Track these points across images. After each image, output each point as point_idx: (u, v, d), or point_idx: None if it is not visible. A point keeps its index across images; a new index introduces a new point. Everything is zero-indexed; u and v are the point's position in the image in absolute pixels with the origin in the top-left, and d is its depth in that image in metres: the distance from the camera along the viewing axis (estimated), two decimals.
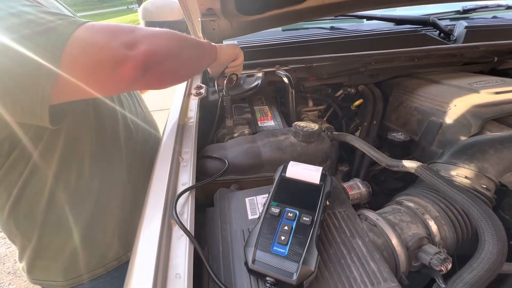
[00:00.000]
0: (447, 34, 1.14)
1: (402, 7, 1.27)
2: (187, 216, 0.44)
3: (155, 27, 0.54)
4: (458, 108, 0.77)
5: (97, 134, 0.61)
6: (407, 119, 0.93)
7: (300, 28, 1.30)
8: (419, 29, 1.15)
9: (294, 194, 0.44)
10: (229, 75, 0.78)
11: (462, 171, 0.57)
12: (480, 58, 1.12)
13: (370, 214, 0.51)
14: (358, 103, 1.10)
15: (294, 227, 0.39)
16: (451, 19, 1.30)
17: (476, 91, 0.80)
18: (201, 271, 0.40)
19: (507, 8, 1.40)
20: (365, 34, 1.11)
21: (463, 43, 1.09)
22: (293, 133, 0.64)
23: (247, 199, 0.50)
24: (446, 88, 0.89)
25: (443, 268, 0.42)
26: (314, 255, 0.36)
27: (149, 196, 0.47)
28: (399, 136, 0.87)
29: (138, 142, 0.73)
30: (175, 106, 0.75)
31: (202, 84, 0.88)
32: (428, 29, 1.16)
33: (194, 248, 0.39)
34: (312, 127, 0.63)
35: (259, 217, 0.42)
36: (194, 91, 0.84)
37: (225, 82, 0.75)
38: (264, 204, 0.44)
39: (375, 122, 1.03)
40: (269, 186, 0.49)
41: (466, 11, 1.34)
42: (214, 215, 0.49)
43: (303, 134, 0.62)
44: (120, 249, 0.69)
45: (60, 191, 0.58)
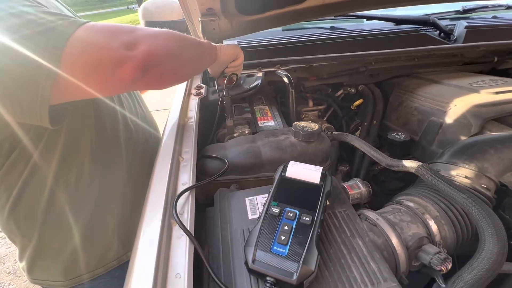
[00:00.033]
0: (447, 34, 1.14)
1: (402, 7, 1.27)
2: (187, 216, 0.44)
3: (155, 27, 0.54)
4: (458, 108, 0.77)
5: (97, 134, 0.61)
6: (407, 119, 0.93)
7: (300, 28, 1.30)
8: (419, 29, 1.14)
9: (294, 194, 0.44)
10: (229, 75, 0.78)
11: (462, 171, 0.57)
12: (480, 58, 1.12)
13: (370, 214, 0.51)
14: (358, 103, 1.10)
15: (294, 227, 0.39)
16: (451, 19, 1.29)
17: (476, 91, 0.80)
18: (201, 270, 0.40)
19: (507, 8, 1.40)
20: (365, 34, 1.11)
21: (463, 43, 1.09)
22: (293, 133, 0.64)
23: (247, 199, 0.50)
24: (446, 88, 0.89)
25: (443, 268, 0.42)
26: (314, 255, 0.36)
27: (149, 196, 0.47)
28: (399, 136, 0.87)
29: (138, 142, 0.73)
30: (175, 106, 0.75)
31: (202, 84, 0.88)
32: (428, 29, 1.16)
33: (194, 248, 0.39)
34: (312, 127, 0.63)
35: (259, 217, 0.42)
36: (194, 91, 0.84)
37: (225, 82, 0.75)
38: (264, 204, 0.44)
39: (375, 122, 1.03)
40: (269, 186, 0.49)
41: (466, 11, 1.34)
42: (214, 215, 0.49)
43: (303, 134, 0.62)
44: (120, 249, 0.69)
45: (60, 191, 0.58)
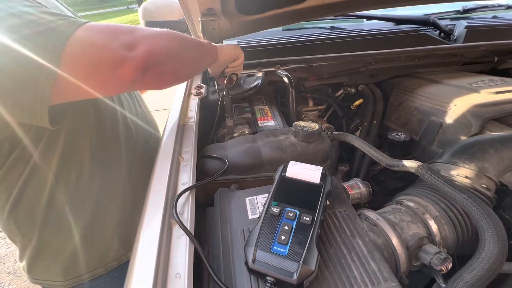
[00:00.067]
0: (447, 34, 1.13)
1: (402, 7, 1.27)
2: (187, 216, 0.44)
3: (155, 27, 0.54)
4: (458, 107, 0.77)
5: (97, 134, 0.61)
6: (407, 118, 0.93)
7: (300, 28, 1.30)
8: (419, 29, 1.14)
9: (294, 193, 0.44)
10: (229, 75, 0.78)
11: (462, 171, 0.56)
12: (480, 58, 1.12)
13: (370, 214, 0.51)
14: (358, 103, 1.10)
15: (294, 226, 0.39)
16: (451, 19, 1.29)
17: (477, 90, 0.80)
18: (201, 270, 0.40)
19: (507, 8, 1.40)
20: (365, 34, 1.11)
21: (463, 43, 1.09)
22: (293, 132, 0.64)
23: (247, 199, 0.50)
24: (446, 88, 0.89)
25: (443, 268, 0.42)
26: (314, 255, 0.36)
27: (149, 195, 0.47)
28: (399, 136, 0.87)
29: (138, 142, 0.73)
30: (175, 106, 0.75)
31: (202, 84, 0.88)
32: (428, 29, 1.16)
33: (194, 247, 0.39)
34: (312, 126, 0.63)
35: (259, 216, 0.41)
36: (194, 91, 0.84)
37: (225, 82, 0.75)
38: (264, 203, 0.44)
39: (375, 122, 1.03)
40: (269, 185, 0.49)
41: (466, 11, 1.34)
42: (214, 215, 0.49)
43: (303, 134, 0.62)
44: (120, 249, 0.69)
45: (60, 191, 0.58)
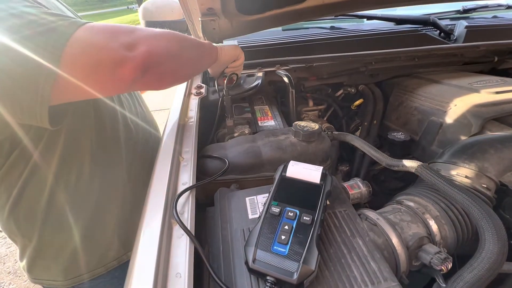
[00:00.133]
0: (448, 34, 1.13)
1: (402, 7, 1.27)
2: (187, 216, 0.44)
3: (155, 27, 0.54)
4: (458, 107, 0.77)
5: (97, 134, 0.61)
6: (408, 118, 0.93)
7: (300, 28, 1.30)
8: (419, 28, 1.14)
9: (294, 193, 0.44)
10: (229, 75, 0.78)
11: (462, 171, 0.57)
12: (480, 57, 1.12)
13: (371, 214, 0.51)
14: (358, 102, 1.10)
15: (294, 226, 0.39)
16: (451, 19, 1.29)
17: (477, 90, 0.80)
18: (201, 270, 0.40)
19: (507, 8, 1.40)
20: (365, 34, 1.11)
21: (463, 42, 1.09)
22: (293, 132, 0.64)
23: (247, 199, 0.50)
24: (446, 88, 0.89)
25: (443, 268, 0.42)
26: (314, 255, 0.36)
27: (149, 195, 0.47)
28: (399, 135, 0.87)
29: (138, 142, 0.73)
30: (176, 105, 0.75)
31: (203, 84, 0.88)
32: (429, 28, 1.16)
33: (195, 247, 0.39)
34: (313, 126, 0.63)
35: (260, 216, 0.42)
36: (194, 91, 0.84)
37: (225, 81, 0.75)
38: (265, 203, 0.44)
39: (375, 121, 1.03)
40: (269, 185, 0.49)
41: (466, 11, 1.34)
42: (215, 215, 0.49)
43: (303, 134, 0.62)
44: (121, 248, 0.69)
45: (60, 191, 0.58)
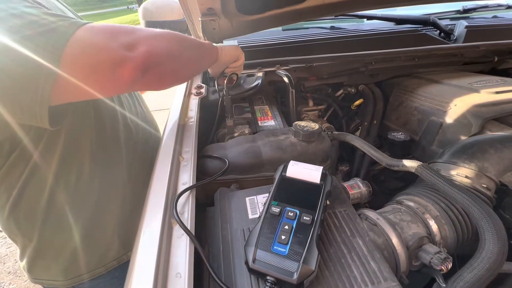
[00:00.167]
0: (448, 34, 1.13)
1: (402, 7, 1.27)
2: (187, 216, 0.44)
3: (155, 27, 0.54)
4: (458, 107, 0.77)
5: (97, 134, 0.61)
6: (408, 118, 0.93)
7: (300, 28, 1.30)
8: (419, 28, 1.14)
9: (294, 193, 0.44)
10: (229, 74, 0.78)
11: (462, 171, 0.57)
12: (480, 57, 1.12)
13: (371, 214, 0.51)
14: (358, 102, 1.10)
15: (294, 226, 0.39)
16: (451, 19, 1.29)
17: (477, 90, 0.80)
18: (201, 270, 0.40)
19: (507, 8, 1.40)
20: (365, 33, 1.11)
21: (463, 42, 1.09)
22: (293, 132, 0.64)
23: (247, 199, 0.50)
24: (446, 88, 0.89)
25: (443, 268, 0.42)
26: (314, 255, 0.36)
27: (149, 195, 0.47)
28: (399, 135, 0.87)
29: (138, 142, 0.73)
30: (176, 105, 0.75)
31: (203, 84, 0.88)
32: (429, 28, 1.16)
33: (195, 247, 0.39)
34: (313, 126, 0.63)
35: (260, 216, 0.42)
36: (194, 91, 0.84)
37: (225, 81, 0.75)
38: (265, 203, 0.44)
39: (375, 121, 1.03)
40: (269, 185, 0.49)
41: (466, 11, 1.34)
42: (215, 215, 0.49)
43: (303, 134, 0.62)
44: (121, 248, 0.69)
45: (60, 191, 0.58)
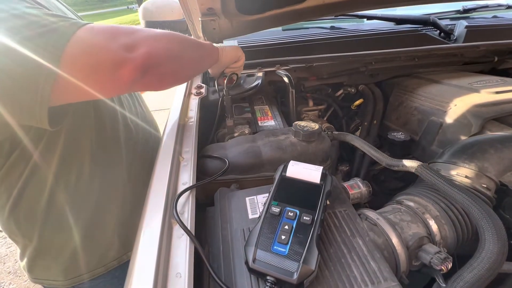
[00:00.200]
0: (448, 34, 1.13)
1: (402, 7, 1.27)
2: (187, 216, 0.44)
3: (155, 27, 0.54)
4: (458, 107, 0.77)
5: (97, 134, 0.61)
6: (408, 118, 0.93)
7: (300, 28, 1.30)
8: (419, 28, 1.14)
9: (294, 193, 0.44)
10: (229, 74, 0.78)
11: (462, 171, 0.57)
12: (480, 57, 1.12)
13: (371, 214, 0.51)
14: (358, 102, 1.10)
15: (294, 226, 0.39)
16: (452, 19, 1.29)
17: (477, 90, 0.80)
18: (201, 270, 0.40)
19: (507, 8, 1.40)
20: (365, 33, 1.11)
21: (463, 42, 1.09)
22: (293, 132, 0.64)
23: (247, 199, 0.50)
24: (446, 88, 0.89)
25: (443, 268, 0.42)
26: (314, 255, 0.36)
27: (149, 195, 0.47)
28: (399, 135, 0.87)
29: (138, 142, 0.73)
30: (176, 105, 0.75)
31: (203, 84, 0.88)
32: (429, 28, 1.16)
33: (195, 247, 0.39)
34: (313, 126, 0.63)
35: (260, 216, 0.42)
36: (194, 91, 0.84)
37: (225, 81, 0.75)
38: (265, 203, 0.44)
39: (375, 121, 1.03)
40: (269, 185, 0.49)
41: (466, 11, 1.34)
42: (215, 215, 0.49)
43: (303, 134, 0.62)
44: (121, 248, 0.69)
45: (60, 191, 0.58)
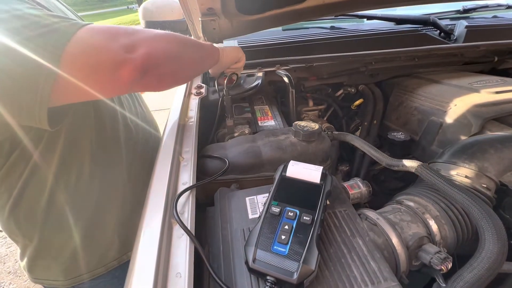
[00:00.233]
0: (448, 34, 1.13)
1: (402, 7, 1.27)
2: (187, 216, 0.44)
3: (155, 27, 0.53)
4: (458, 107, 0.77)
5: (97, 134, 0.61)
6: (408, 118, 0.93)
7: (300, 28, 1.30)
8: (419, 28, 1.14)
9: (294, 193, 0.44)
10: (229, 74, 0.78)
11: (462, 171, 0.57)
12: (480, 57, 1.12)
13: (371, 214, 0.51)
14: (358, 102, 1.10)
15: (294, 226, 0.39)
16: (452, 19, 1.29)
17: (477, 90, 0.80)
18: (201, 270, 0.40)
19: (507, 8, 1.40)
20: (365, 33, 1.11)
21: (463, 42, 1.09)
22: (293, 132, 0.64)
23: (247, 199, 0.50)
24: (446, 88, 0.89)
25: (443, 267, 0.42)
26: (314, 254, 0.36)
27: (149, 195, 0.47)
28: (399, 135, 0.87)
29: (138, 142, 0.73)
30: (176, 105, 0.75)
31: (203, 84, 0.88)
32: (429, 28, 1.16)
33: (195, 247, 0.39)
34: (313, 126, 0.63)
35: (260, 216, 0.42)
36: (194, 91, 0.84)
37: (225, 81, 0.75)
38: (265, 203, 0.44)
39: (375, 121, 1.03)
40: (269, 185, 0.49)
41: (466, 11, 1.34)
42: (215, 215, 0.49)
43: (303, 134, 0.62)
44: (121, 248, 0.69)
45: (60, 191, 0.58)
